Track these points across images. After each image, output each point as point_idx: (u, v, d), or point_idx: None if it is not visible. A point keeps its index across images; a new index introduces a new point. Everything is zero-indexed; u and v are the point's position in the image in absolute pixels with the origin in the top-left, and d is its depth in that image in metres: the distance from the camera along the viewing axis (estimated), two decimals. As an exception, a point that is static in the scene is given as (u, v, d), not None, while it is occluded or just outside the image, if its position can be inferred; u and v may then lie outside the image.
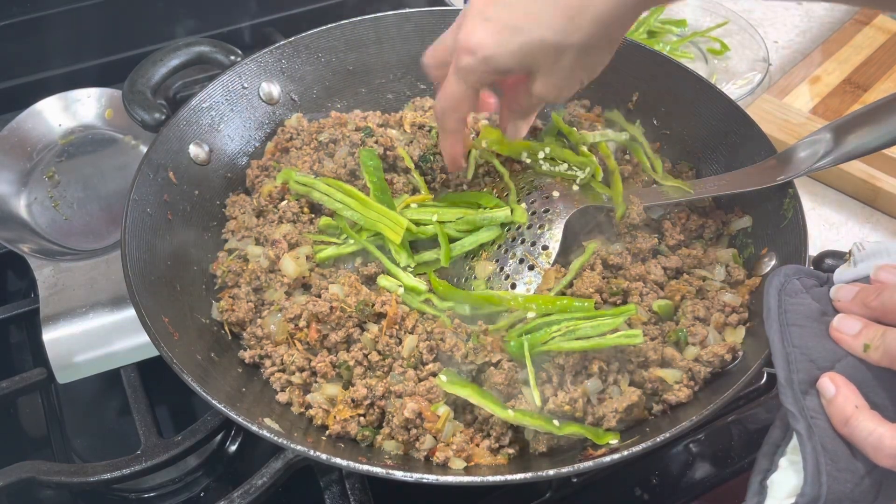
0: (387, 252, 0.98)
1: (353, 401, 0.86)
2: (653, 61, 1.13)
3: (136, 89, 1.06)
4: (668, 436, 0.74)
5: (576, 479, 0.92)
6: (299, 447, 0.75)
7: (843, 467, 0.68)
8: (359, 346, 0.90)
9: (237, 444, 0.99)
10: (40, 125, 1.28)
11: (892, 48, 1.49)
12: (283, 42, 1.16)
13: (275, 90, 1.16)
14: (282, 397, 0.88)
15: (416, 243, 1.00)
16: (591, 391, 0.84)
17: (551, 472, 0.73)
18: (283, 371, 0.91)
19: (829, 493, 0.67)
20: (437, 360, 0.89)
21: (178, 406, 1.05)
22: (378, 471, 0.74)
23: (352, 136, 1.08)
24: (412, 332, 0.90)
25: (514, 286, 0.94)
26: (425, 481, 0.74)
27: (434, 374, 0.87)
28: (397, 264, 0.96)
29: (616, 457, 0.74)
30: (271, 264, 0.97)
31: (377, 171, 1.03)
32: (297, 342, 0.91)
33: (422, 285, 0.94)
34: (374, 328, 0.91)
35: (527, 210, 0.98)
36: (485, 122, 1.14)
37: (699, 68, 1.47)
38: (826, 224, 1.26)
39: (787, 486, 0.71)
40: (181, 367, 0.80)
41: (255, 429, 0.76)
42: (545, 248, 0.95)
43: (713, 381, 0.86)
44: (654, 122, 1.14)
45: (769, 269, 0.93)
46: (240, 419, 0.77)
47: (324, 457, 0.75)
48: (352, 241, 0.99)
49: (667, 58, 1.13)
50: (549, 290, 0.92)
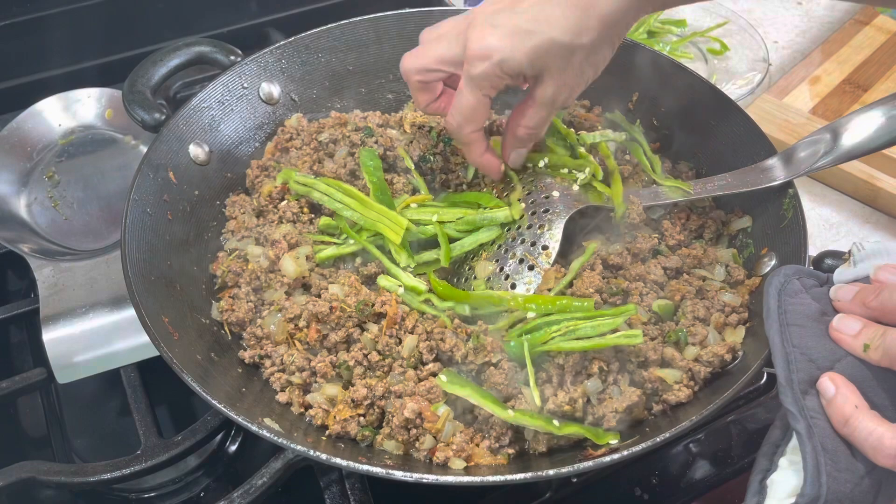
0: (387, 252, 0.98)
1: (353, 401, 0.86)
2: (653, 61, 1.13)
3: (136, 89, 1.06)
4: (668, 436, 0.74)
5: (576, 479, 0.92)
6: (299, 447, 0.75)
7: (843, 467, 0.68)
8: (359, 346, 0.90)
9: (237, 444, 0.99)
10: (40, 125, 1.28)
11: (892, 48, 1.49)
12: (283, 42, 1.16)
13: (275, 90, 1.16)
14: (282, 397, 0.88)
15: (416, 243, 1.00)
16: (591, 391, 0.84)
17: (551, 472, 0.73)
18: (283, 371, 0.91)
19: (828, 493, 0.67)
20: (437, 360, 0.89)
21: (178, 406, 1.05)
22: (378, 471, 0.74)
23: (352, 136, 1.08)
24: (412, 332, 0.90)
25: (514, 286, 0.94)
26: (425, 481, 0.74)
27: (434, 374, 0.87)
28: (397, 264, 0.96)
29: (616, 457, 0.74)
30: (271, 264, 0.97)
31: (377, 171, 1.03)
32: (297, 342, 0.91)
33: (422, 285, 0.94)
34: (374, 328, 0.91)
35: (526, 210, 0.98)
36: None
37: (699, 68, 1.47)
38: (826, 224, 1.26)
39: (786, 486, 0.71)
40: (181, 367, 0.80)
41: (255, 429, 0.76)
42: (545, 248, 0.95)
43: (713, 381, 0.86)
44: (654, 122, 1.14)
45: (769, 269, 0.93)
46: (240, 419, 0.77)
47: (324, 457, 0.75)
48: (352, 241, 0.99)
49: (667, 58, 1.13)
50: (549, 290, 0.92)
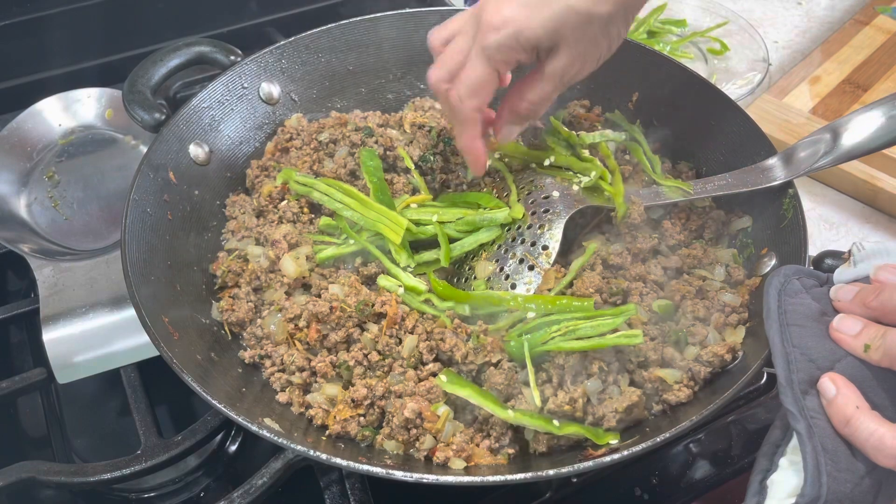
0: (387, 252, 0.98)
1: (353, 401, 0.86)
2: (653, 61, 1.13)
3: (136, 89, 1.06)
4: (668, 436, 0.74)
5: (576, 479, 0.91)
6: (299, 447, 0.75)
7: (844, 467, 0.68)
8: (359, 346, 0.90)
9: (237, 444, 0.99)
10: (40, 125, 1.28)
11: (892, 48, 1.49)
12: (283, 42, 1.16)
13: (275, 90, 1.16)
14: (282, 397, 0.88)
15: (416, 243, 1.00)
16: (591, 391, 0.84)
17: (551, 472, 0.73)
18: (283, 371, 0.91)
19: (829, 494, 0.67)
20: (437, 360, 0.89)
21: (178, 406, 1.05)
22: (378, 471, 0.74)
23: (352, 136, 1.08)
24: (412, 332, 0.90)
25: (514, 286, 0.94)
26: (425, 481, 0.74)
27: (434, 374, 0.87)
28: (397, 264, 0.96)
29: (616, 457, 0.74)
30: (271, 264, 0.97)
31: (377, 171, 1.03)
32: (297, 342, 0.91)
33: (422, 285, 0.94)
34: (374, 328, 0.91)
35: (526, 210, 0.98)
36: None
37: (699, 68, 1.47)
38: (826, 224, 1.26)
39: (787, 486, 0.71)
40: (181, 367, 0.80)
41: (255, 429, 0.76)
42: (545, 248, 0.95)
43: (713, 381, 0.86)
44: (654, 122, 1.14)
45: (769, 269, 0.93)
46: (240, 419, 0.77)
47: (324, 457, 0.75)
48: (352, 241, 0.99)
49: (667, 58, 1.13)
50: (549, 290, 0.92)
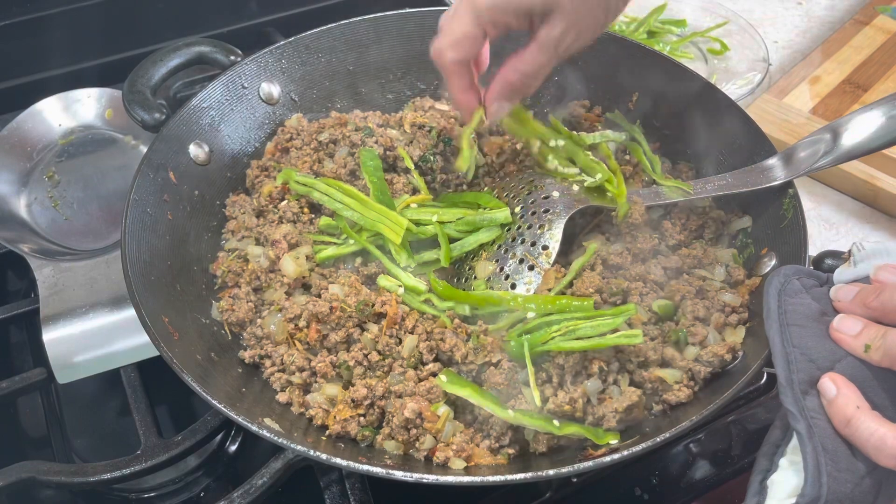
0: (387, 252, 0.98)
1: (353, 401, 0.86)
2: (653, 61, 1.13)
3: (136, 89, 1.06)
4: (668, 436, 0.74)
5: (576, 479, 0.91)
6: (299, 447, 0.75)
7: (844, 468, 0.68)
8: (359, 346, 0.90)
9: (237, 444, 0.99)
10: (40, 125, 1.28)
11: (892, 48, 1.49)
12: (283, 42, 1.16)
13: (275, 90, 1.16)
14: (282, 397, 0.88)
15: (416, 243, 1.00)
16: (591, 391, 0.84)
17: (551, 472, 0.73)
18: (283, 371, 0.91)
19: (829, 494, 0.67)
20: (437, 360, 0.89)
21: (178, 406, 1.05)
22: (378, 471, 0.74)
23: (352, 136, 1.08)
24: (412, 332, 0.90)
25: (514, 286, 0.94)
26: (425, 481, 0.74)
27: (434, 374, 0.87)
28: (397, 264, 0.96)
29: (616, 457, 0.74)
30: (271, 264, 0.97)
31: (377, 171, 1.03)
32: (297, 342, 0.91)
33: (422, 285, 0.94)
34: (374, 328, 0.91)
35: (526, 210, 0.98)
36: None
37: (699, 68, 1.46)
38: (826, 224, 1.26)
39: (787, 487, 0.71)
40: (181, 367, 0.80)
41: (255, 429, 0.76)
42: (545, 248, 0.95)
43: (713, 381, 0.86)
44: (654, 122, 1.14)
45: (769, 269, 0.93)
46: (240, 419, 0.77)
47: (324, 457, 0.75)
48: (352, 241, 0.99)
49: (667, 58, 1.13)
50: (550, 290, 0.92)
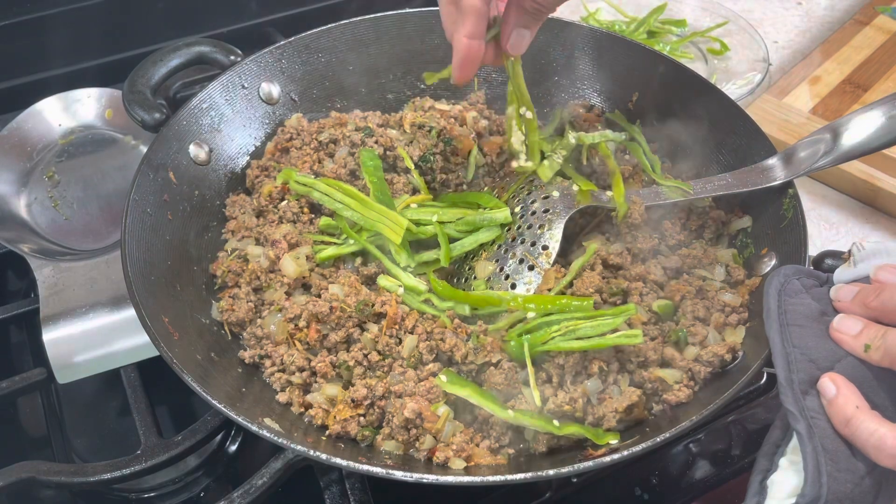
0: (387, 252, 0.98)
1: (353, 401, 0.86)
2: (653, 61, 1.13)
3: (136, 89, 1.06)
4: (668, 436, 0.74)
5: (576, 479, 0.92)
6: (299, 447, 0.75)
7: (844, 468, 0.68)
8: (359, 346, 0.90)
9: (237, 444, 0.99)
10: (40, 125, 1.28)
11: (892, 48, 1.49)
12: (283, 42, 1.16)
13: (275, 90, 1.16)
14: (282, 397, 0.88)
15: (416, 243, 1.00)
16: (591, 391, 0.84)
17: (551, 472, 0.73)
18: (283, 371, 0.91)
19: (829, 494, 0.67)
20: (437, 360, 0.89)
21: (178, 406, 1.05)
22: (378, 471, 0.74)
23: (352, 136, 1.08)
24: (412, 332, 0.90)
25: (514, 286, 0.94)
26: (425, 481, 0.74)
27: (434, 374, 0.87)
28: (397, 264, 0.96)
29: (616, 457, 0.74)
30: (271, 264, 0.97)
31: (377, 171, 1.03)
32: (297, 342, 0.91)
33: (422, 285, 0.94)
34: (374, 328, 0.91)
35: (526, 210, 0.98)
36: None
37: (699, 68, 1.47)
38: (826, 224, 1.26)
39: (787, 487, 0.71)
40: (181, 367, 0.80)
41: (255, 429, 0.76)
42: (545, 248, 0.95)
43: (713, 381, 0.86)
44: (654, 122, 1.14)
45: (769, 269, 0.93)
46: (240, 419, 0.77)
47: (324, 457, 0.75)
48: (352, 241, 0.99)
49: (667, 58, 1.13)
50: (549, 290, 0.92)
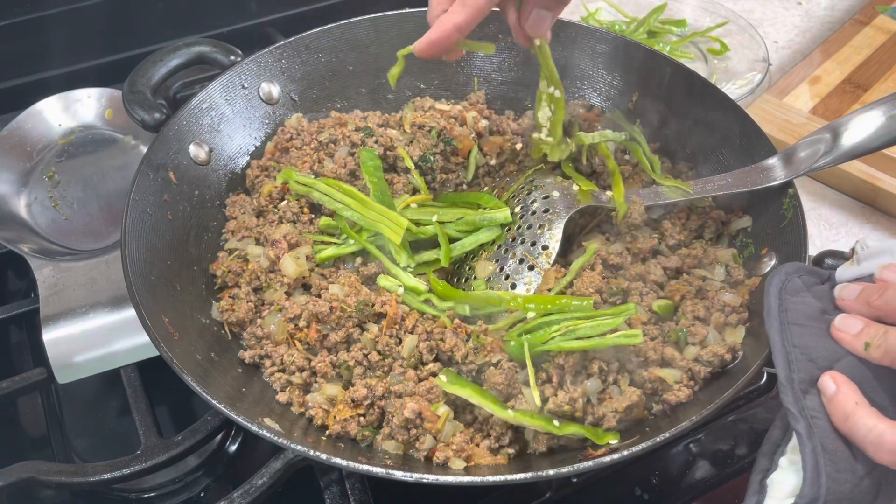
0: (387, 252, 0.98)
1: (353, 401, 0.86)
2: (653, 61, 1.13)
3: (136, 89, 1.06)
4: (668, 436, 0.74)
5: (576, 479, 0.92)
6: (299, 447, 0.75)
7: (843, 468, 0.68)
8: (359, 346, 0.90)
9: (237, 444, 0.99)
10: (40, 125, 1.28)
11: (892, 48, 1.49)
12: (283, 42, 1.16)
13: (275, 90, 1.16)
14: (282, 397, 0.88)
15: (416, 243, 1.00)
16: (591, 391, 0.84)
17: (551, 472, 0.73)
18: (283, 371, 0.91)
19: (828, 494, 0.67)
20: (437, 360, 0.89)
21: (178, 406, 1.05)
22: (378, 471, 0.74)
23: (352, 136, 1.08)
24: (412, 332, 0.90)
25: (514, 286, 0.94)
26: (425, 481, 0.74)
27: (434, 374, 0.87)
28: (397, 264, 0.96)
29: (616, 457, 0.74)
30: (271, 264, 0.97)
31: (377, 171, 1.03)
32: (297, 342, 0.91)
33: (422, 285, 0.94)
34: (374, 328, 0.91)
35: (526, 210, 0.98)
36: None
37: (699, 68, 1.46)
38: (826, 224, 1.26)
39: (787, 486, 0.71)
40: (181, 367, 0.80)
41: (255, 429, 0.76)
42: (545, 248, 0.95)
43: (713, 381, 0.86)
44: (654, 122, 1.14)
45: (769, 268, 0.93)
46: (240, 419, 0.77)
47: (324, 457, 0.75)
48: (352, 241, 0.99)
49: (667, 58, 1.13)
50: (550, 290, 0.92)
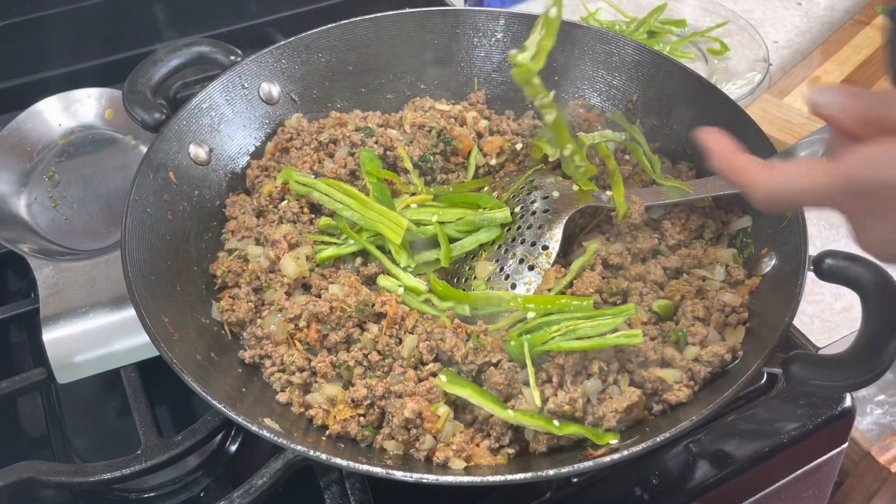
0: (387, 252, 0.98)
1: (353, 401, 0.86)
2: (653, 61, 1.13)
3: (136, 89, 1.06)
4: (668, 436, 0.74)
5: (576, 479, 0.91)
6: (299, 447, 0.75)
7: None
8: (359, 346, 0.90)
9: (237, 444, 0.99)
10: (40, 125, 1.27)
11: (892, 48, 1.49)
12: (283, 42, 1.16)
13: (275, 90, 1.15)
14: (282, 397, 0.88)
15: (416, 243, 1.00)
16: (591, 391, 0.84)
17: (551, 472, 0.73)
18: (283, 371, 0.91)
19: None
20: (437, 360, 0.89)
21: (178, 406, 1.05)
22: (378, 471, 0.74)
23: (352, 136, 1.08)
24: (412, 332, 0.90)
25: (514, 286, 0.94)
26: (425, 481, 0.74)
27: (434, 374, 0.87)
28: (397, 264, 0.96)
29: (616, 457, 0.74)
30: (271, 264, 0.97)
31: (377, 172, 1.02)
32: (297, 342, 0.91)
33: (422, 285, 0.94)
34: (374, 328, 0.91)
35: (526, 210, 0.98)
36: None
37: (699, 68, 1.46)
38: (826, 224, 1.26)
39: None
40: (181, 367, 0.80)
41: (255, 429, 0.76)
42: (545, 248, 0.95)
43: (713, 381, 0.86)
44: (654, 122, 1.14)
45: (769, 269, 0.93)
46: (240, 419, 0.77)
47: (324, 457, 0.75)
48: (352, 242, 0.99)
49: (667, 58, 1.13)
50: (550, 290, 0.92)
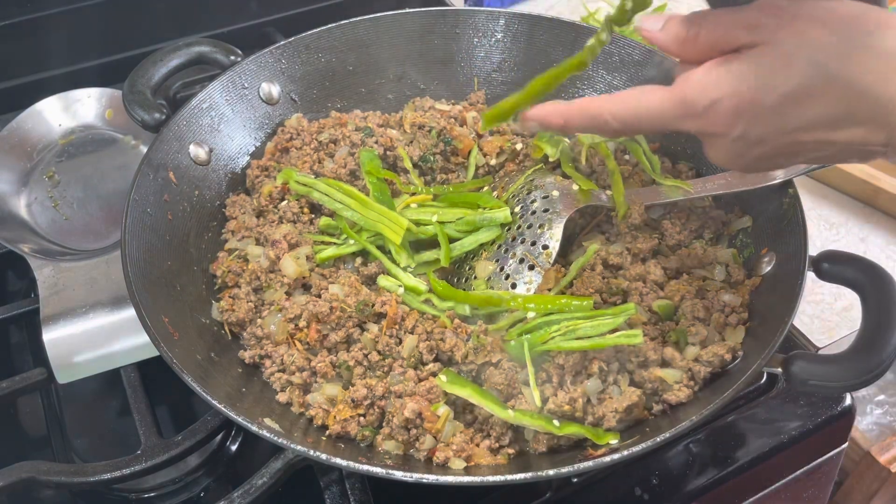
0: (387, 252, 0.98)
1: (353, 401, 0.86)
2: (652, 61, 1.13)
3: (136, 89, 1.06)
4: (668, 436, 0.74)
5: (576, 479, 0.91)
6: (299, 447, 0.75)
7: None
8: (359, 346, 0.90)
9: (237, 444, 0.99)
10: (40, 125, 1.27)
11: (892, 48, 1.49)
12: (283, 42, 1.16)
13: (275, 90, 1.16)
14: (282, 397, 0.88)
15: (416, 243, 1.00)
16: (591, 391, 0.84)
17: (551, 472, 0.73)
18: (283, 371, 0.91)
19: None
20: (437, 360, 0.89)
21: (178, 406, 1.05)
22: (378, 471, 0.74)
23: (352, 136, 1.08)
24: (412, 332, 0.90)
25: (514, 286, 0.94)
26: (425, 481, 0.74)
27: (434, 374, 0.87)
28: (397, 264, 0.96)
29: (616, 457, 0.74)
30: (271, 264, 0.97)
31: (377, 172, 1.03)
32: (297, 342, 0.91)
33: (422, 285, 0.94)
34: (374, 328, 0.91)
35: (526, 209, 0.98)
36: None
37: (699, 68, 1.46)
38: (826, 224, 1.26)
39: None
40: (181, 367, 0.80)
41: (255, 429, 0.76)
42: (545, 247, 0.95)
43: (713, 381, 0.86)
44: (654, 122, 1.14)
45: (769, 269, 0.93)
46: (240, 419, 0.77)
47: (324, 457, 0.75)
48: (352, 242, 0.99)
49: (667, 57, 1.13)
50: (550, 289, 0.92)
